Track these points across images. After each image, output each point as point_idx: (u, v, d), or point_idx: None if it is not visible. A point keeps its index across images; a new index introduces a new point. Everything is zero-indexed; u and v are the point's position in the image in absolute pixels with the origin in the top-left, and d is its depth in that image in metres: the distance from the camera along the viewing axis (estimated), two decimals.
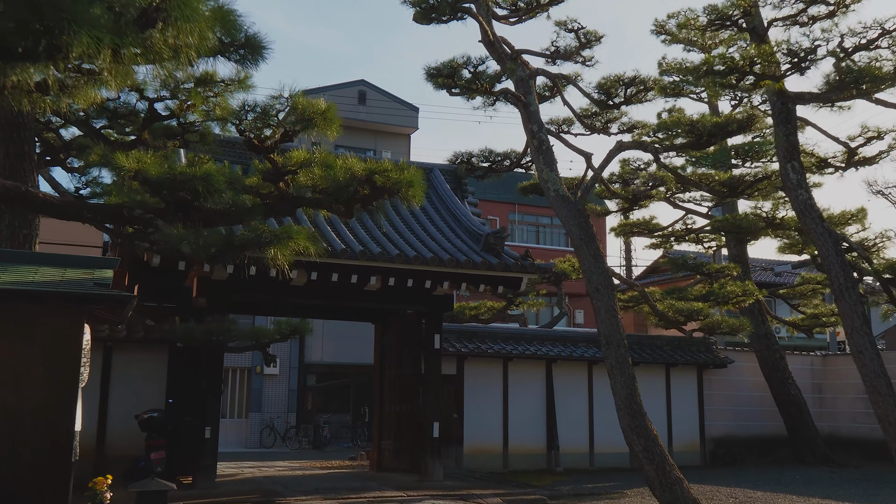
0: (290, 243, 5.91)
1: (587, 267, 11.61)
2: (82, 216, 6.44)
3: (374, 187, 6.69)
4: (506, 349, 18.01)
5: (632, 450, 10.93)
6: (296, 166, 6.59)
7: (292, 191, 6.71)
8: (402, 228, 15.40)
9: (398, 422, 16.42)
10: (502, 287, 15.07)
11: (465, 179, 17.66)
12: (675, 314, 15.01)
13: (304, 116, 6.39)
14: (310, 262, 13.12)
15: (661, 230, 21.01)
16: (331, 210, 7.00)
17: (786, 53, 10.70)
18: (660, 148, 12.66)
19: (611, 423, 19.06)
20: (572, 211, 11.75)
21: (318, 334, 30.01)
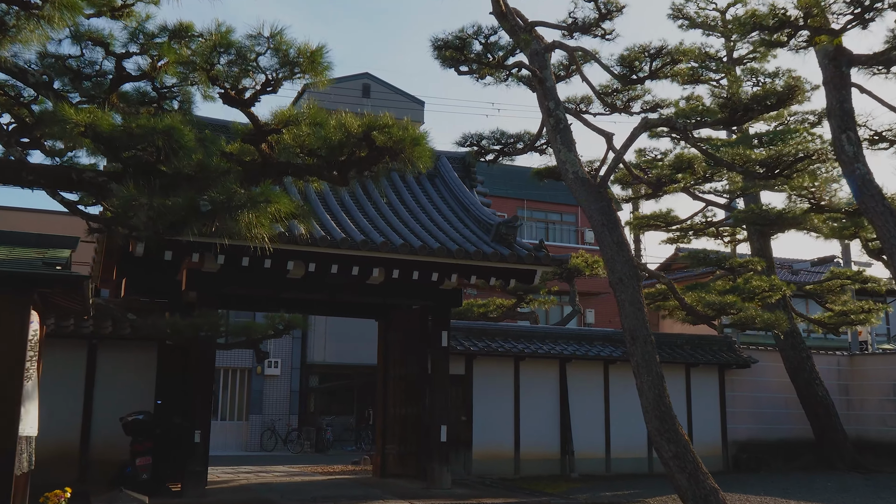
0: (270, 208, 4.93)
1: (609, 256, 10.58)
2: (22, 178, 5.45)
3: (372, 147, 5.68)
4: (517, 348, 16.97)
5: (661, 456, 9.89)
6: (280, 124, 5.60)
7: (277, 155, 5.72)
8: (407, 217, 14.39)
9: (403, 425, 15.40)
10: (514, 280, 14.05)
11: (474, 167, 16.64)
12: (704, 308, 13.95)
13: (289, 60, 5.39)
14: (308, 253, 12.15)
15: (679, 223, 19.97)
16: (322, 177, 5.99)
17: (847, 3, 9.63)
18: (689, 125, 11.64)
19: (628, 425, 18.12)
20: (593, 194, 10.72)
21: (320, 333, 29.04)
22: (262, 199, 4.89)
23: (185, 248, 11.68)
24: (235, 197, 4.81)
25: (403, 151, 5.59)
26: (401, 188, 15.56)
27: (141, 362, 14.19)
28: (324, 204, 13.98)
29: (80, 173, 5.17)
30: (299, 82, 5.52)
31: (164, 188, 4.85)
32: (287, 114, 5.55)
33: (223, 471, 18.40)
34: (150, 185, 4.79)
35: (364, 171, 5.86)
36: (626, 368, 18.14)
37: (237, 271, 12.88)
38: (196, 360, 12.69)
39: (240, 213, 4.84)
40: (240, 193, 4.85)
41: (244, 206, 4.81)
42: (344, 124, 5.50)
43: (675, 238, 21.34)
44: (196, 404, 12.52)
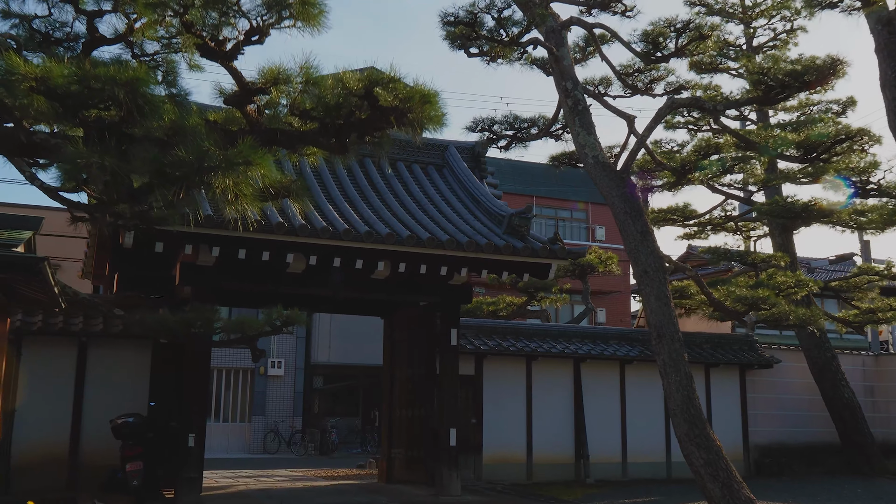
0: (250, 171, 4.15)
1: (633, 246, 9.79)
2: None
3: (375, 107, 4.91)
4: (529, 347, 16.18)
5: (691, 463, 9.10)
6: (269, 82, 4.84)
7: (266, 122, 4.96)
8: (414, 209, 13.62)
9: (410, 428, 14.63)
10: (528, 275, 13.27)
11: (484, 157, 15.87)
12: (734, 304, 13.14)
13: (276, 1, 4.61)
14: (308, 245, 11.40)
15: (697, 217, 19.16)
16: (318, 144, 5.22)
17: None
18: (719, 104, 10.85)
19: (645, 429, 17.32)
20: (615, 180, 9.95)
21: (325, 333, 28.32)
22: (241, 159, 4.11)
23: (178, 239, 10.95)
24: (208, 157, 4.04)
25: (411, 111, 4.81)
26: (407, 179, 14.80)
27: (134, 362, 13.45)
28: (326, 194, 13.23)
29: (29, 135, 4.43)
30: (289, 31, 4.75)
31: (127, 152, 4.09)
32: (276, 70, 4.79)
33: (223, 475, 17.68)
34: (105, 144, 4.02)
35: (366, 137, 5.08)
36: (643, 369, 17.38)
37: (234, 265, 12.13)
38: (190, 359, 11.95)
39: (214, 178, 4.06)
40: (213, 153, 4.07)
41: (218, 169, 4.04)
42: (342, 80, 4.73)
43: (692, 234, 20.52)
44: (190, 406, 11.77)
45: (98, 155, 3.89)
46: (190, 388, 11.87)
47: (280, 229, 11.19)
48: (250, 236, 11.16)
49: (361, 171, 14.51)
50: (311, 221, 11.74)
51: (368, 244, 11.74)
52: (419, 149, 15.55)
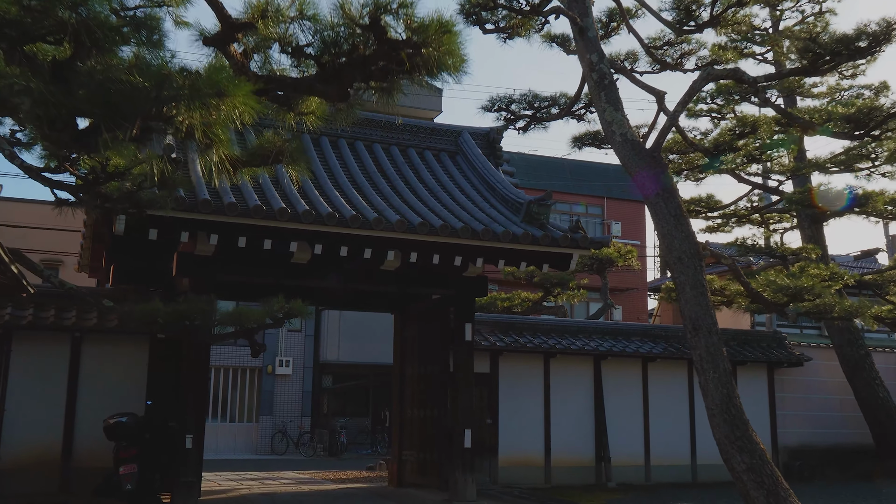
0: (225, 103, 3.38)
1: (667, 230, 8.97)
2: None
3: (382, 41, 4.11)
4: (547, 343, 15.36)
5: (731, 469, 8.27)
6: (256, 16, 4.05)
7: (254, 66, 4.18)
8: (426, 196, 12.84)
9: (422, 429, 13.84)
10: (547, 266, 12.45)
11: (500, 143, 15.06)
12: (774, 294, 12.28)
13: None
14: (313, 233, 10.62)
15: (722, 209, 18.28)
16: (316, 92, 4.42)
17: None
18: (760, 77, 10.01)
19: (669, 430, 16.47)
20: (645, 160, 9.13)
21: (334, 331, 27.59)
22: (211, 88, 3.31)
23: (172, 226, 10.20)
24: (168, 84, 3.24)
25: (427, 44, 3.99)
26: (419, 165, 14.01)
27: (131, 358, 12.73)
28: (332, 180, 12.46)
29: None
30: None
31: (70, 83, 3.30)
32: (264, 2, 4.02)
33: (227, 477, 16.97)
34: (35, 64, 3.26)
35: (371, 80, 4.29)
36: (666, 366, 16.54)
37: (234, 255, 11.39)
38: (188, 354, 11.20)
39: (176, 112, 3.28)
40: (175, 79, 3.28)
41: (182, 99, 3.25)
42: (342, 7, 3.92)
43: (716, 227, 19.64)
44: (187, 404, 11.02)
45: (23, 76, 3.12)
46: (187, 386, 11.12)
47: (283, 215, 10.43)
48: (251, 223, 10.41)
49: (370, 157, 13.74)
50: (315, 207, 10.98)
51: (377, 232, 10.96)
52: (431, 134, 14.77)
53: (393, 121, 14.61)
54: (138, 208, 8.64)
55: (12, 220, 24.02)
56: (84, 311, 12.42)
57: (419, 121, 14.79)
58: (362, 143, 14.06)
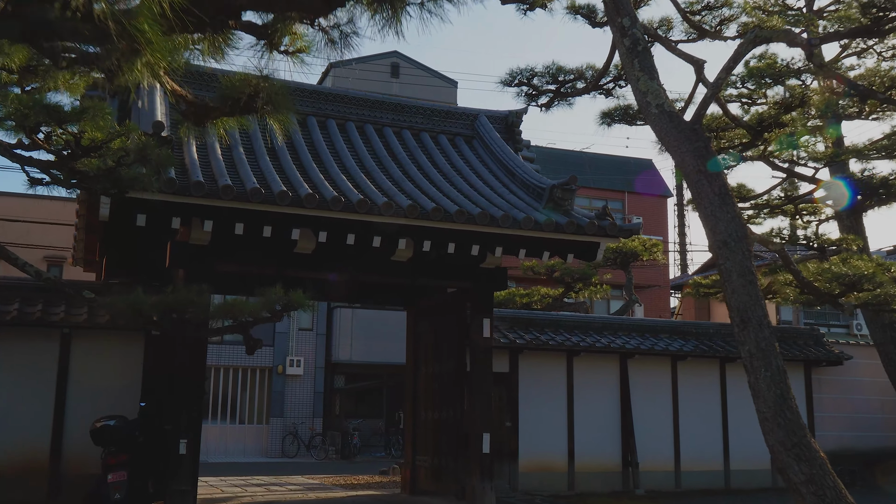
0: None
1: (710, 211, 7.98)
2: None
3: None
4: (571, 341, 14.39)
5: (787, 479, 7.28)
6: None
7: None
8: (440, 181, 11.91)
9: (436, 432, 12.90)
10: (572, 255, 11.47)
11: (519, 126, 14.11)
12: (828, 283, 11.25)
13: None
14: (316, 219, 9.71)
15: (755, 198, 17.21)
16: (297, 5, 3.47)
17: None
18: (814, 38, 9.01)
19: (700, 433, 15.43)
20: (685, 133, 8.14)
21: (346, 330, 26.70)
22: None
23: (162, 211, 9.31)
24: None
25: None
26: (432, 150, 13.09)
27: (125, 356, 11.88)
28: (339, 164, 11.56)
29: None
30: None
31: None
32: None
33: (232, 482, 16.11)
34: None
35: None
36: (697, 365, 15.53)
37: (231, 243, 10.51)
38: (181, 351, 10.32)
39: None
40: None
41: None
42: None
43: (746, 219, 18.58)
44: (180, 406, 10.13)
45: None
46: (180, 385, 10.23)
47: (283, 199, 9.52)
48: (248, 207, 9.51)
49: (381, 141, 12.82)
50: (319, 191, 10.07)
51: (387, 218, 10.02)
52: (446, 118, 13.84)
53: (404, 103, 13.70)
54: (119, 188, 7.79)
55: (15, 215, 23.35)
56: (74, 305, 11.59)
57: (433, 103, 13.87)
58: (372, 127, 13.15)
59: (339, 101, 13.15)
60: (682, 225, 47.54)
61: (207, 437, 25.66)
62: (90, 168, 7.57)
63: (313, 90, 12.99)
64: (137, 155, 7.71)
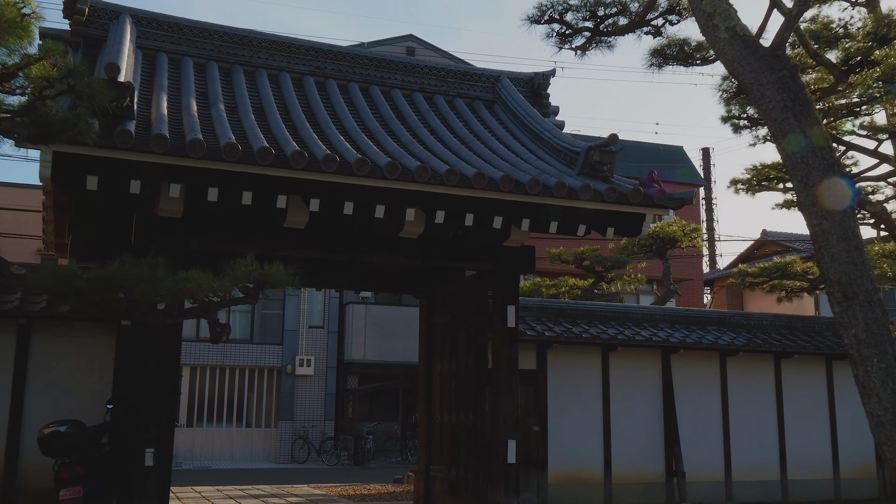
0: None
1: (800, 158, 6.23)
2: None
3: None
4: (607, 334, 12.62)
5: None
6: None
7: None
8: (456, 144, 10.21)
9: (454, 438, 11.18)
10: (613, 229, 9.70)
11: (546, 91, 12.39)
12: None
13: None
14: (306, 183, 8.04)
15: None
16: None
17: None
18: None
19: (754, 438, 13.54)
20: (764, 61, 6.40)
21: (359, 327, 25.07)
22: None
23: (116, 171, 7.67)
24: None
25: None
26: (447, 114, 11.40)
27: (93, 351, 10.31)
28: (338, 125, 9.89)
29: None
30: None
31: None
32: None
33: (227, 492, 14.56)
34: None
35: None
36: (750, 361, 13.68)
37: (209, 217, 8.89)
38: (147, 342, 8.68)
39: None
40: None
41: None
42: None
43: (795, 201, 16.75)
44: (146, 408, 8.49)
45: None
46: (147, 384, 8.58)
47: (265, 157, 7.85)
48: (222, 168, 7.85)
49: (388, 105, 11.14)
50: (310, 149, 8.40)
51: (392, 182, 8.33)
52: (463, 80, 12.13)
53: (416, 62, 12.01)
54: (44, 132, 6.14)
55: (6, 203, 22.02)
56: (33, 292, 10.00)
57: (448, 63, 12.17)
58: (378, 88, 11.48)
59: (341, 60, 11.49)
60: (711, 219, 45.54)
61: (213, 442, 24.18)
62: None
63: (310, 46, 11.34)
64: (86, 101, 6.11)
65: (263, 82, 10.54)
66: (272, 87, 10.56)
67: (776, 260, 17.00)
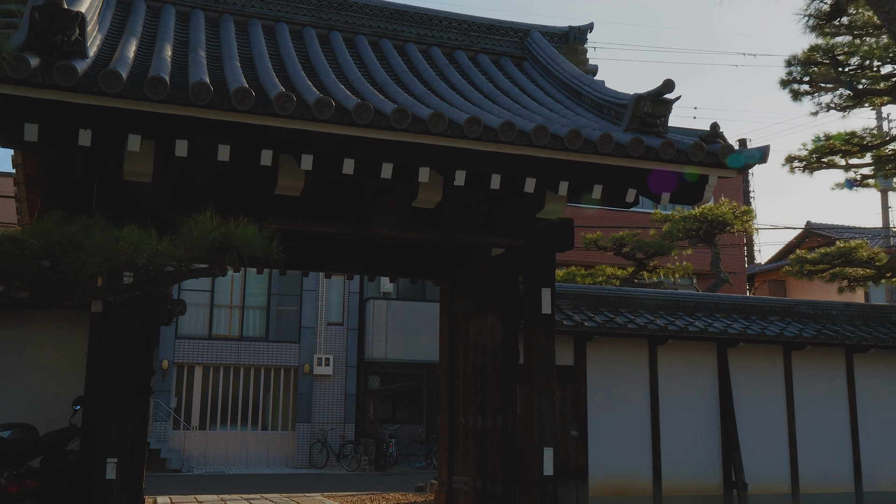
0: None
1: None
2: None
3: None
4: (655, 324, 11.00)
5: None
6: None
7: None
8: (479, 98, 8.68)
9: (480, 445, 9.62)
10: (668, 195, 8.10)
11: (584, 46, 10.82)
12: None
13: None
14: (298, 135, 6.56)
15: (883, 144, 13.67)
16: None
17: None
18: None
19: (824, 444, 11.79)
20: None
21: (381, 324, 23.63)
22: None
23: (60, 115, 6.24)
24: None
25: None
26: (469, 69, 9.89)
27: (62, 343, 8.93)
28: (341, 78, 8.41)
29: None
30: None
31: None
32: None
33: (233, 501, 13.17)
34: None
35: None
36: (819, 356, 11.92)
37: (184, 183, 7.45)
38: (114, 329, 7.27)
39: None
40: None
41: None
42: None
43: (860, 178, 15.03)
44: (108, 411, 7.06)
45: None
46: (111, 382, 7.15)
47: (243, 101, 6.37)
48: (190, 114, 6.38)
49: (401, 59, 9.64)
50: (299, 93, 6.92)
51: (400, 133, 6.81)
52: (487, 33, 10.60)
53: (433, 13, 10.50)
54: None
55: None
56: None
57: (468, 15, 10.64)
58: (390, 42, 9.98)
59: (348, 10, 10.01)
60: None
61: (227, 446, 22.86)
62: None
63: None
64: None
65: (256, 32, 9.09)
66: (266, 39, 9.12)
67: (839, 244, 15.24)
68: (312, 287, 23.71)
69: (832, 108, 13.52)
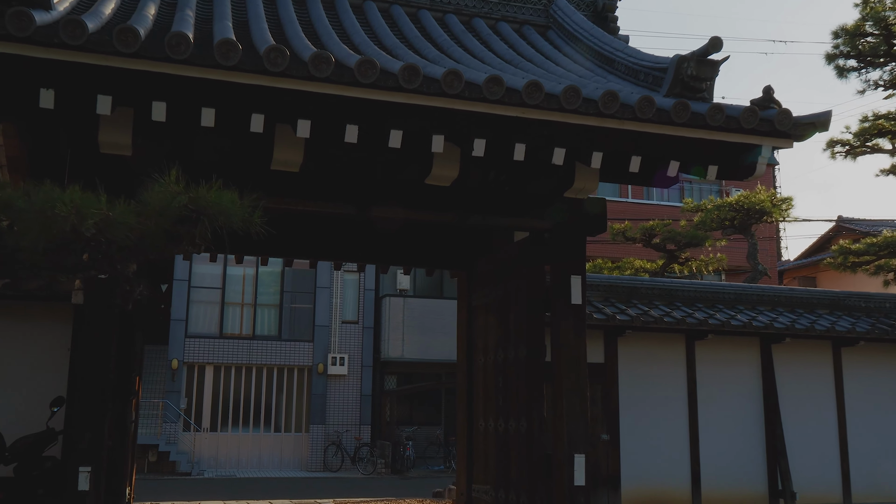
0: None
1: None
2: None
3: None
4: (693, 317, 10.05)
5: None
6: None
7: None
8: (499, 63, 7.79)
9: (502, 451, 8.71)
10: (715, 167, 7.16)
11: (614, 13, 9.90)
12: None
13: None
14: (293, 97, 5.70)
15: None
16: None
17: None
18: None
19: (878, 450, 10.82)
20: None
21: (397, 322, 22.79)
22: None
23: (19, 71, 5.43)
24: None
25: None
26: (489, 37, 8.99)
27: (43, 340, 8.12)
28: (345, 40, 7.54)
29: None
30: None
31: None
32: None
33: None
34: None
35: None
36: (874, 353, 10.92)
37: (168, 157, 6.58)
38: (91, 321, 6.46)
39: None
40: None
41: None
42: None
43: None
44: (82, 416, 6.24)
45: None
46: (85, 383, 6.33)
47: (227, 55, 5.52)
48: (168, 71, 5.53)
49: (415, 26, 8.77)
50: (293, 49, 6.06)
51: (409, 95, 5.93)
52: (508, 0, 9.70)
53: None
54: None
55: None
56: None
57: None
58: (402, 9, 9.11)
59: None
60: None
61: (239, 448, 22.10)
62: None
63: None
64: None
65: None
66: (265, 3, 8.27)
67: (886, 233, 14.21)
68: (326, 284, 22.93)
69: (880, 85, 12.54)
